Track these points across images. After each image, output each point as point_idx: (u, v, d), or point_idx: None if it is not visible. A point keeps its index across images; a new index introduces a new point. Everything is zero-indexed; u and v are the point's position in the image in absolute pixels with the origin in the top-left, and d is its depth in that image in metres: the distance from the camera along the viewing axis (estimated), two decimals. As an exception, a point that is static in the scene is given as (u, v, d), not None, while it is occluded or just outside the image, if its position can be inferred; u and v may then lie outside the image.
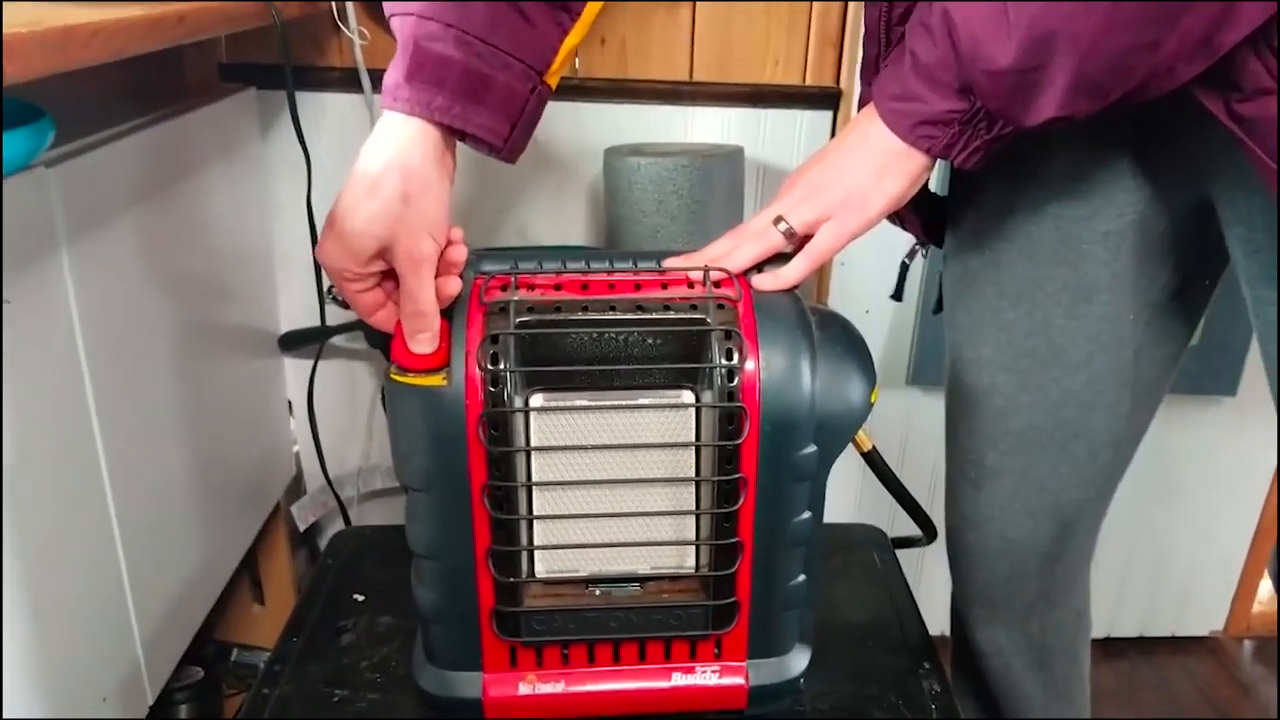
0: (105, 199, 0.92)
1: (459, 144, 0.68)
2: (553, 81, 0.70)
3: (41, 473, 0.81)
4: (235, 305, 1.28)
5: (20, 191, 0.78)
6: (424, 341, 0.63)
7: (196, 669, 1.23)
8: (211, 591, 1.17)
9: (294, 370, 1.45)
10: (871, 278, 1.45)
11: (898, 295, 1.03)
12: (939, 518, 0.93)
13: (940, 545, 1.58)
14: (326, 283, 1.32)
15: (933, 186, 0.89)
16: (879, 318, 1.48)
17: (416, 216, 0.63)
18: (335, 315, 1.38)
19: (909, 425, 1.55)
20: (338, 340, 1.45)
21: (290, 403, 1.46)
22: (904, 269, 1.00)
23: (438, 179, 0.65)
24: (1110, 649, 1.72)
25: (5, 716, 0.76)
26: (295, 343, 1.41)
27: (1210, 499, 1.63)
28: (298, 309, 1.42)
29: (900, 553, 1.01)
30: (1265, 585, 1.76)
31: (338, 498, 1.45)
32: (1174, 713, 1.59)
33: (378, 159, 0.64)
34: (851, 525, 1.04)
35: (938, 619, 1.63)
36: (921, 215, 0.88)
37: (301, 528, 1.45)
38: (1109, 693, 1.62)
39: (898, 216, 0.89)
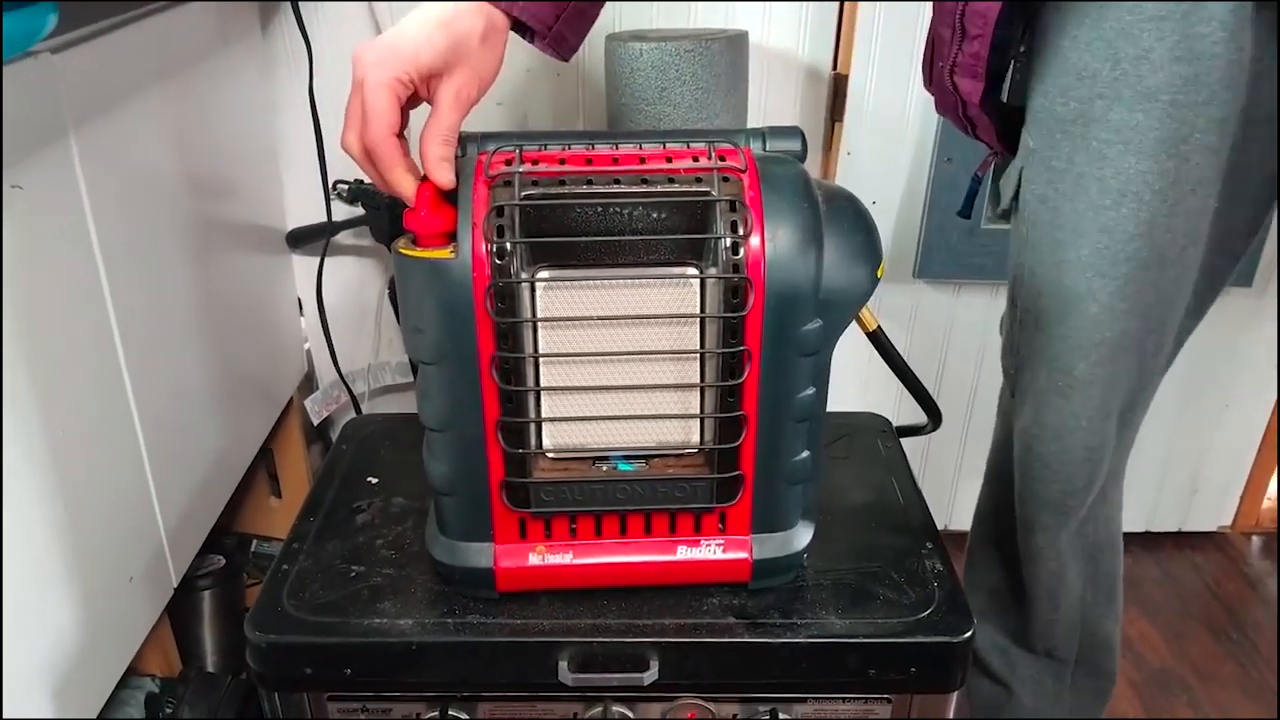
0: (111, 87, 0.92)
1: None
2: None
3: (61, 362, 0.82)
4: (242, 201, 1.28)
5: (27, 77, 0.78)
6: (446, 169, 0.65)
7: (218, 558, 1.26)
8: (230, 480, 1.19)
9: (302, 267, 1.46)
10: (879, 168, 1.44)
11: (966, 213, 1.00)
12: (944, 406, 0.93)
13: (945, 439, 1.59)
14: (331, 179, 1.32)
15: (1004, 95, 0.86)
16: (886, 210, 1.46)
17: (478, 61, 0.67)
18: (340, 213, 1.38)
19: (916, 319, 1.55)
20: (344, 239, 1.45)
21: (300, 300, 1.47)
22: (976, 182, 0.96)
23: (500, 50, 0.70)
24: (1115, 543, 1.74)
25: (37, 590, 0.79)
26: (302, 239, 1.41)
27: (1222, 392, 1.62)
28: (303, 206, 1.41)
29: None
30: (1275, 481, 1.76)
31: (349, 391, 1.46)
32: (1180, 606, 1.61)
33: (465, 5, 0.66)
34: (856, 413, 1.04)
35: (940, 511, 1.66)
36: (995, 121, 0.85)
37: (315, 421, 1.47)
38: (1115, 587, 1.64)
39: (971, 125, 0.86)
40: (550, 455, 0.72)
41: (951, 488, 1.66)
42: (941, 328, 1.55)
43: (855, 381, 1.58)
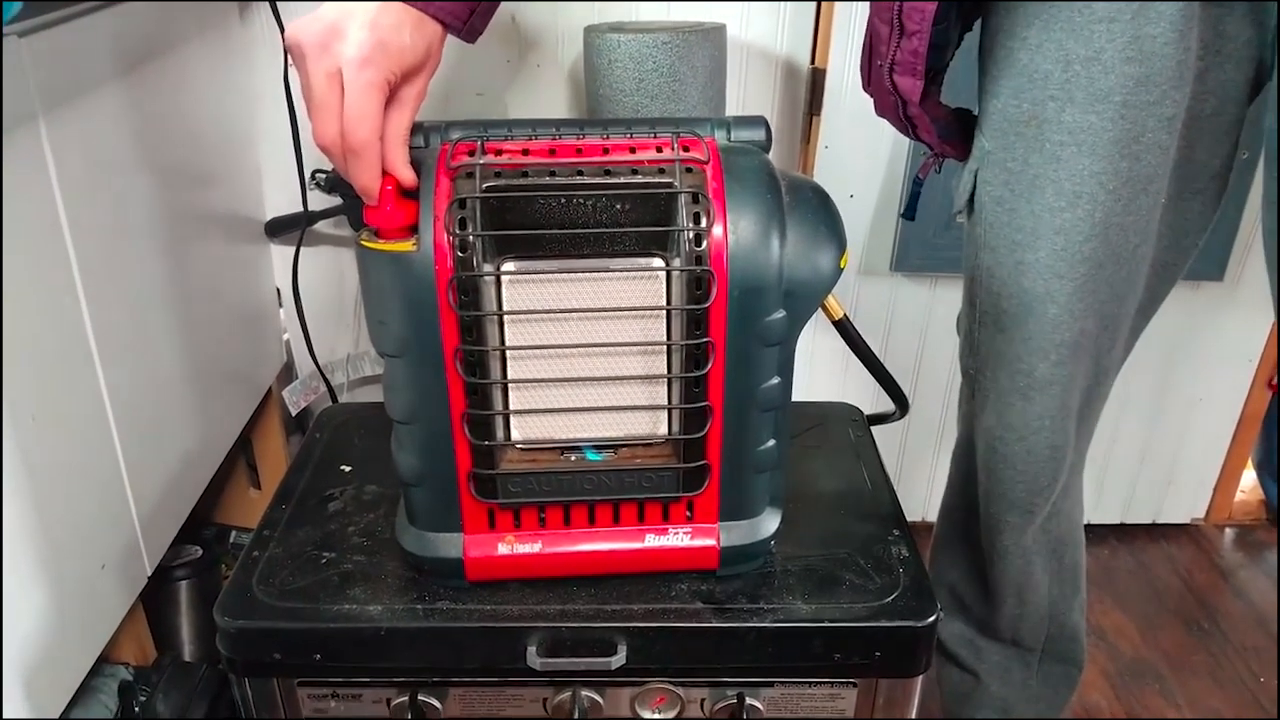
0: (81, 73, 0.91)
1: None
2: None
3: (31, 349, 0.82)
4: (220, 190, 1.27)
5: (-8, 61, 0.78)
6: (410, 169, 0.66)
7: (195, 548, 1.26)
8: (206, 470, 1.19)
9: (281, 257, 1.45)
10: (856, 161, 1.45)
11: (910, 214, 1.00)
12: (922, 399, 0.93)
13: (923, 430, 1.61)
14: (308, 168, 1.32)
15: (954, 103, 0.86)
16: (863, 203, 1.47)
17: (436, 62, 0.67)
18: (319, 202, 1.38)
19: (893, 311, 1.56)
20: (324, 228, 1.45)
21: (279, 290, 1.47)
22: (917, 185, 0.96)
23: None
24: (1090, 534, 1.75)
25: (7, 577, 0.79)
26: (281, 229, 1.41)
27: (1194, 385, 1.64)
28: (283, 195, 1.41)
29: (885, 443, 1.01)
30: (1248, 474, 1.78)
31: (327, 382, 1.47)
32: (1154, 597, 1.63)
33: (409, 9, 0.66)
34: (828, 402, 1.05)
35: (918, 502, 1.67)
36: (939, 126, 0.85)
37: (293, 412, 1.47)
38: (1088, 577, 1.66)
39: (912, 125, 0.86)
40: (518, 446, 0.72)
41: (929, 479, 1.67)
42: (919, 320, 1.56)
43: (832, 371, 1.59)
